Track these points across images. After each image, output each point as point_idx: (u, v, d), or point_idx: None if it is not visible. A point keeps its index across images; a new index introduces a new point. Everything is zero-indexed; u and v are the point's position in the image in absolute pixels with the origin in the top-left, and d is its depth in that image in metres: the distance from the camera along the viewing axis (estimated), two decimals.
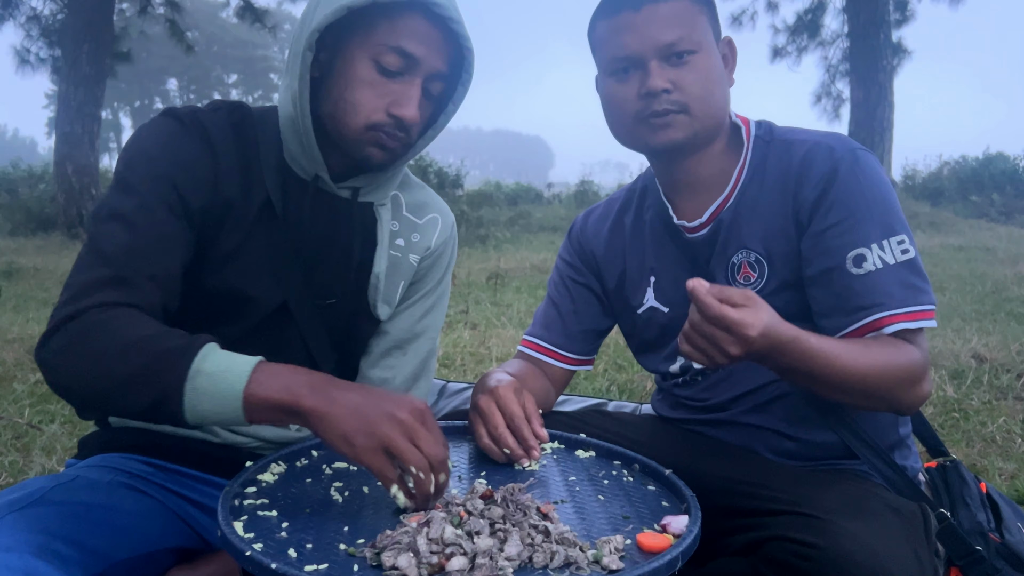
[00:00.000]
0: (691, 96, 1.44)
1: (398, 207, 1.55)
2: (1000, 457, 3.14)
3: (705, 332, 1.16)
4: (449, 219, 1.63)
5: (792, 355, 1.23)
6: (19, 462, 2.94)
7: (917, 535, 1.21)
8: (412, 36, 1.30)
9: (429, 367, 1.62)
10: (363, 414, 1.08)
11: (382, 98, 1.32)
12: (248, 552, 0.95)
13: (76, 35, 12.23)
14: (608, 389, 4.00)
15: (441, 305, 1.64)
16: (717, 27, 1.52)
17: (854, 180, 1.40)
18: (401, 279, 1.54)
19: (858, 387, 1.30)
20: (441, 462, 1.08)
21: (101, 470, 1.38)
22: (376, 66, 1.31)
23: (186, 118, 1.36)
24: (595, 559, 0.98)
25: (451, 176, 17.93)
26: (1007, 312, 6.43)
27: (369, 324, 1.54)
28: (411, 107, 1.32)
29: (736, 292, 1.17)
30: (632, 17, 1.44)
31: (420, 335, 1.59)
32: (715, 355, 1.19)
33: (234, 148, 1.38)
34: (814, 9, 16.43)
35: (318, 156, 1.37)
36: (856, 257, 1.38)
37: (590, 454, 1.41)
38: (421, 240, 1.56)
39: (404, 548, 0.96)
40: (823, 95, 17.18)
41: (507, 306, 6.76)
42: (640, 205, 1.69)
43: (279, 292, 1.41)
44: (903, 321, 1.34)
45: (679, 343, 1.23)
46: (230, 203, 1.36)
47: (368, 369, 1.57)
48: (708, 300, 1.14)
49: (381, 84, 1.32)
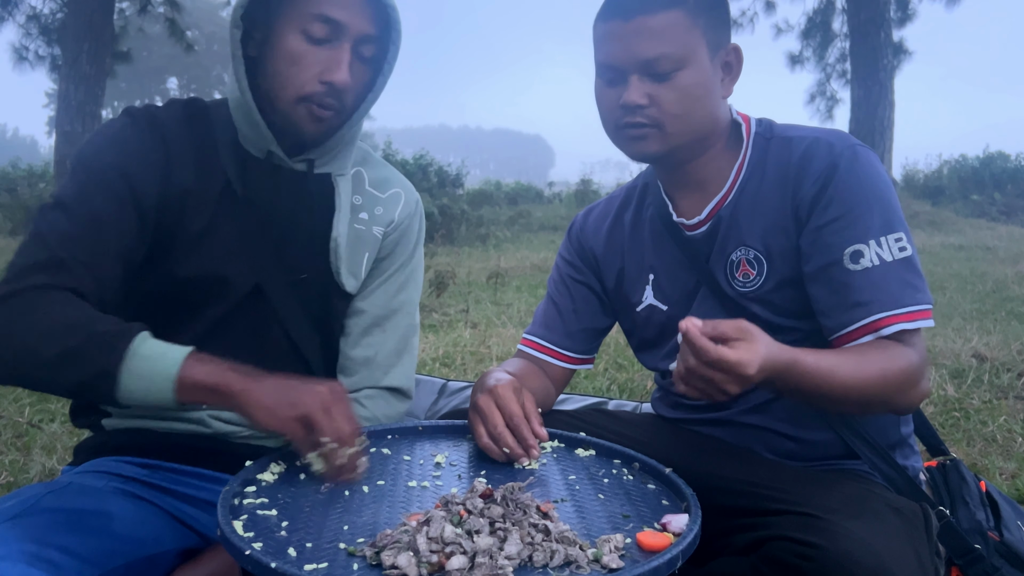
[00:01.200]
0: (666, 114, 1.44)
1: (360, 182, 1.59)
2: (1001, 456, 3.14)
3: (703, 375, 1.15)
4: (413, 195, 1.66)
5: (791, 379, 1.23)
6: (20, 461, 2.94)
7: (918, 535, 1.21)
8: (334, 3, 1.34)
9: (411, 343, 1.64)
10: (284, 390, 1.20)
11: (313, 67, 1.36)
12: (248, 551, 0.95)
13: (76, 34, 12.22)
14: (608, 388, 4.00)
15: (415, 280, 1.66)
16: (718, 36, 1.48)
17: (853, 176, 1.40)
18: (366, 251, 1.57)
19: (857, 399, 1.30)
20: (350, 435, 1.19)
21: (95, 475, 1.38)
22: (304, 36, 1.35)
23: (138, 113, 1.42)
24: (595, 558, 0.98)
25: (451, 175, 17.95)
26: (1008, 311, 6.43)
27: (341, 300, 1.57)
28: (341, 71, 1.35)
29: (729, 327, 1.15)
30: (621, 27, 1.43)
31: (397, 311, 1.61)
32: (715, 394, 1.18)
33: (188, 136, 1.43)
34: (823, 10, 16.39)
35: (266, 132, 1.41)
36: (854, 253, 1.37)
37: (590, 453, 1.41)
38: (384, 213, 1.59)
39: (404, 547, 0.96)
40: (817, 95, 17.16)
41: (507, 305, 6.77)
42: (640, 203, 1.68)
43: (251, 272, 1.45)
44: (902, 322, 1.34)
45: (675, 383, 1.22)
46: (186, 189, 1.40)
47: (349, 349, 1.59)
48: (704, 344, 1.12)
49: (311, 53, 1.35)
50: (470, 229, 13.14)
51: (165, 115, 1.43)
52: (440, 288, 6.82)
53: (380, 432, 1.45)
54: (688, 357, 1.15)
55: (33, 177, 17.63)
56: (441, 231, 12.14)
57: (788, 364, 1.21)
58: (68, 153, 12.24)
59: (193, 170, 1.42)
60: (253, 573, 0.94)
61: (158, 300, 1.42)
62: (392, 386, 1.59)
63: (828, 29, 16.41)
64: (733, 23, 13.96)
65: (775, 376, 1.20)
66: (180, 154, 1.41)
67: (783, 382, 1.23)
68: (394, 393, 1.60)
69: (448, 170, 18.01)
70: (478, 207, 15.92)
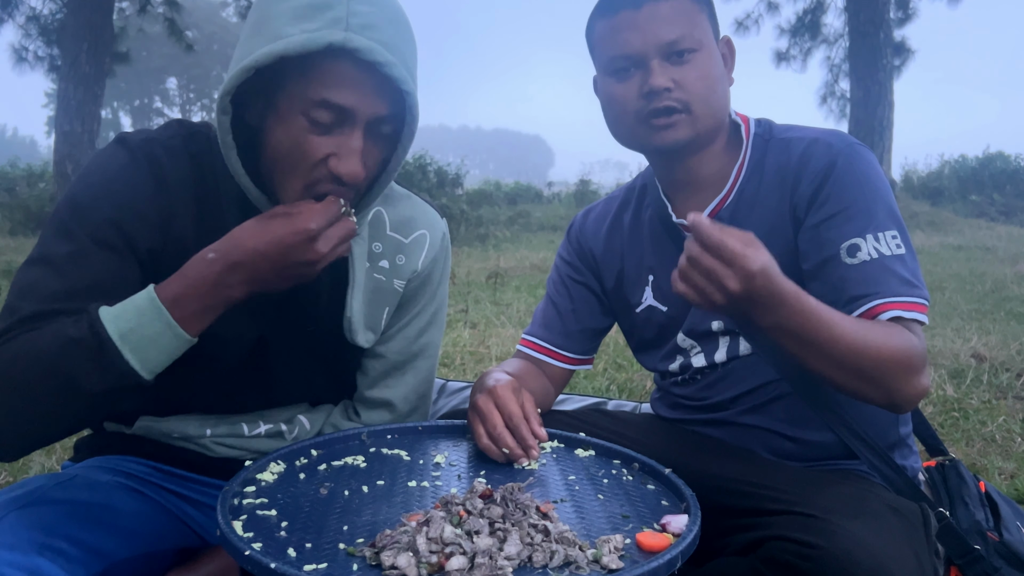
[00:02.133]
0: (693, 95, 1.44)
1: (381, 226, 1.46)
2: (1000, 456, 3.14)
3: (703, 265, 1.13)
4: (438, 231, 1.53)
5: (788, 309, 1.19)
6: (19, 461, 2.94)
7: (917, 535, 1.21)
8: (340, 86, 1.17)
9: (431, 384, 1.58)
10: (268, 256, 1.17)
11: (318, 155, 1.21)
12: (247, 552, 0.95)
13: (76, 34, 12.23)
14: (608, 388, 4.00)
15: (437, 321, 1.56)
16: (716, 26, 1.52)
17: (850, 173, 1.40)
18: (385, 305, 1.47)
19: (852, 360, 1.25)
20: (344, 236, 1.21)
21: (99, 470, 1.37)
22: (307, 121, 1.19)
23: (138, 150, 1.28)
24: (595, 558, 0.98)
25: (451, 175, 17.94)
26: (1007, 311, 6.43)
27: (355, 351, 1.48)
28: (351, 163, 1.21)
29: (737, 231, 1.14)
30: (633, 16, 1.44)
31: (418, 355, 1.53)
32: (712, 292, 1.15)
33: (189, 181, 1.30)
34: (813, 10, 16.40)
35: (269, 206, 1.27)
36: (850, 247, 1.37)
37: (589, 453, 1.41)
38: (407, 263, 1.47)
39: (403, 547, 0.96)
40: (828, 95, 17.16)
41: (506, 305, 6.77)
42: (639, 203, 1.68)
43: (254, 327, 1.36)
44: (898, 310, 1.33)
45: (673, 283, 1.19)
46: (185, 244, 1.27)
47: (366, 389, 1.51)
48: (709, 230, 1.11)
49: (316, 140, 1.20)
50: (469, 229, 13.14)
51: (165, 152, 1.29)
52: None
53: (380, 432, 1.45)
54: (692, 245, 1.14)
55: (32, 177, 17.62)
56: None
57: (791, 292, 1.18)
58: (67, 153, 12.25)
59: (194, 218, 1.29)
60: (253, 573, 0.94)
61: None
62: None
63: (817, 28, 16.42)
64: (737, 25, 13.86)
65: (774, 295, 1.16)
66: (181, 202, 1.28)
67: (779, 310, 1.19)
68: None
69: (447, 170, 18.00)
70: (477, 207, 15.93)
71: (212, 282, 1.16)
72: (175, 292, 1.15)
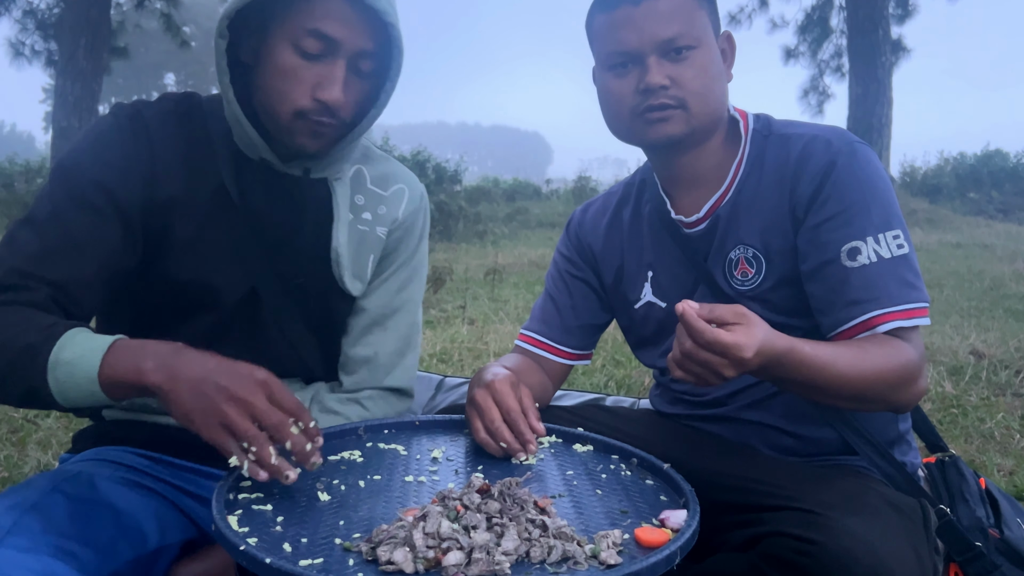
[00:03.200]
0: (689, 92, 1.43)
1: (361, 181, 1.54)
2: (998, 453, 3.14)
3: (699, 359, 1.14)
4: (417, 189, 1.61)
5: (788, 367, 1.22)
6: (14, 456, 2.94)
7: (916, 531, 1.21)
8: (328, 17, 1.28)
9: (413, 341, 1.61)
10: (202, 393, 1.10)
11: (306, 83, 1.30)
12: (242, 547, 0.94)
13: (73, 30, 12.20)
14: (606, 384, 4.00)
15: (418, 278, 1.62)
16: (717, 21, 1.51)
17: (851, 173, 1.39)
18: (370, 253, 1.53)
19: (854, 392, 1.29)
20: (276, 427, 1.10)
21: (99, 464, 1.37)
22: (296, 51, 1.29)
23: (123, 113, 1.36)
24: (593, 554, 0.98)
25: (449, 172, 17.94)
26: (1005, 309, 6.44)
27: (343, 301, 1.53)
28: (334, 90, 1.30)
29: (727, 311, 1.15)
30: (631, 11, 1.43)
31: (399, 309, 1.58)
32: (710, 379, 1.17)
33: (178, 137, 1.38)
34: (821, 6, 16.39)
35: (259, 141, 1.36)
36: (851, 250, 1.37)
37: (588, 448, 1.40)
38: (388, 212, 1.55)
39: (400, 542, 0.95)
40: (810, 90, 17.16)
41: (504, 302, 6.77)
42: (638, 199, 1.68)
43: (246, 278, 1.41)
44: (898, 319, 1.33)
45: (670, 369, 1.21)
46: (173, 196, 1.35)
47: (349, 348, 1.56)
48: (700, 326, 1.12)
49: (304, 68, 1.30)
50: (468, 226, 13.14)
51: (153, 114, 1.37)
52: (438, 284, 6.82)
53: (377, 427, 1.44)
54: (684, 340, 1.15)
55: (30, 172, 17.59)
56: (439, 227, 12.14)
57: (785, 351, 1.20)
58: (65, 148, 12.22)
59: (183, 174, 1.37)
60: (248, 568, 0.94)
61: (152, 306, 1.39)
62: (394, 387, 1.58)
63: (826, 25, 16.41)
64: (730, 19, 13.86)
65: (772, 362, 1.19)
66: (167, 158, 1.36)
67: (779, 369, 1.22)
68: (396, 393, 1.59)
69: (446, 166, 17.99)
70: (476, 204, 15.92)
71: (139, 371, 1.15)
72: (117, 358, 1.15)
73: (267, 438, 1.10)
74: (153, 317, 1.39)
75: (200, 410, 1.09)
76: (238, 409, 1.09)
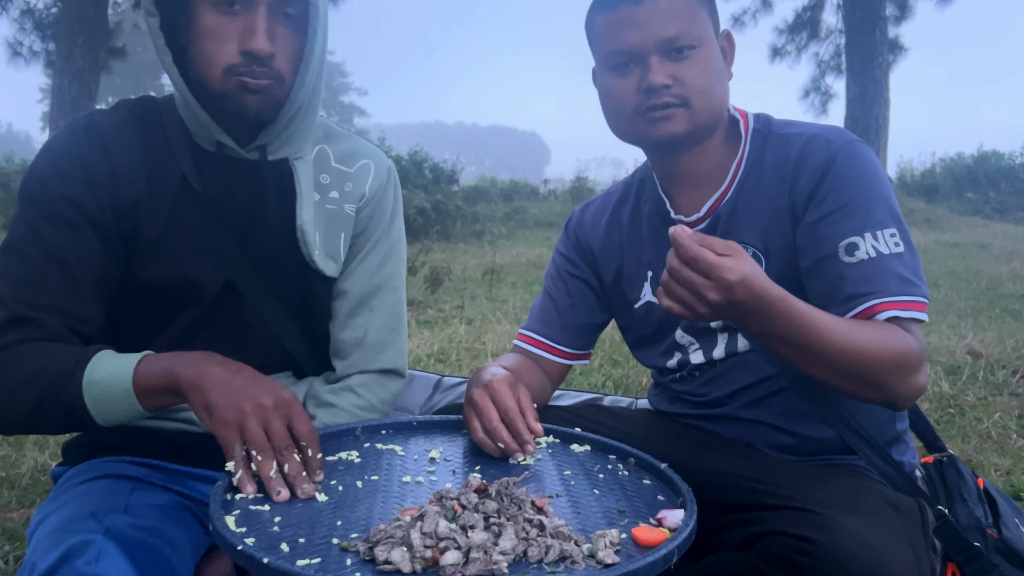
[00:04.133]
0: (691, 90, 1.43)
1: (325, 159, 1.53)
2: (996, 453, 3.15)
3: (683, 277, 1.15)
4: (384, 164, 1.60)
5: (776, 315, 1.20)
6: (11, 456, 2.94)
7: (914, 530, 1.20)
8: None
9: (401, 319, 1.61)
10: (229, 391, 1.15)
11: (231, 38, 1.29)
12: (240, 547, 0.94)
13: (70, 29, 12.19)
14: (604, 384, 4.01)
15: (397, 253, 1.61)
16: (716, 21, 1.51)
17: (849, 170, 1.39)
18: (341, 231, 1.52)
19: (845, 364, 1.26)
20: (284, 449, 1.14)
21: (113, 480, 1.35)
22: (216, 8, 1.28)
23: (77, 125, 1.37)
24: (590, 553, 0.98)
25: (447, 172, 17.91)
26: (1002, 308, 6.45)
27: (321, 285, 1.53)
28: (258, 39, 1.27)
29: (718, 241, 1.16)
30: (632, 11, 1.43)
31: (382, 287, 1.57)
32: (695, 304, 1.16)
33: (134, 140, 1.38)
34: (813, 7, 16.38)
35: (207, 120, 1.35)
36: (848, 246, 1.36)
37: (585, 448, 1.40)
38: (354, 188, 1.54)
39: (398, 542, 0.95)
40: (812, 90, 17.14)
41: (502, 302, 6.77)
42: (638, 199, 1.68)
43: (219, 270, 1.41)
44: (895, 309, 1.33)
45: (657, 297, 1.21)
46: (137, 198, 1.36)
47: (338, 332, 1.55)
48: (687, 242, 1.13)
49: (226, 24, 1.28)
50: (465, 225, 13.13)
51: (108, 121, 1.38)
52: (435, 284, 6.81)
53: (374, 427, 1.44)
54: (672, 259, 1.16)
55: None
56: (436, 227, 12.14)
57: (777, 297, 1.19)
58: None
59: (143, 175, 1.37)
60: (246, 568, 0.94)
61: (131, 308, 1.40)
62: (385, 368, 1.57)
63: (817, 25, 16.40)
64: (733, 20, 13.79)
65: (759, 301, 1.17)
66: (126, 162, 1.36)
67: (766, 315, 1.20)
68: (387, 375, 1.58)
69: (443, 166, 17.97)
70: (473, 203, 15.91)
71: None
72: (149, 366, 1.21)
73: (274, 453, 1.14)
74: (136, 319, 1.40)
75: (222, 406, 1.14)
76: (257, 418, 1.14)
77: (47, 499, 1.35)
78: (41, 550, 1.11)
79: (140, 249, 1.37)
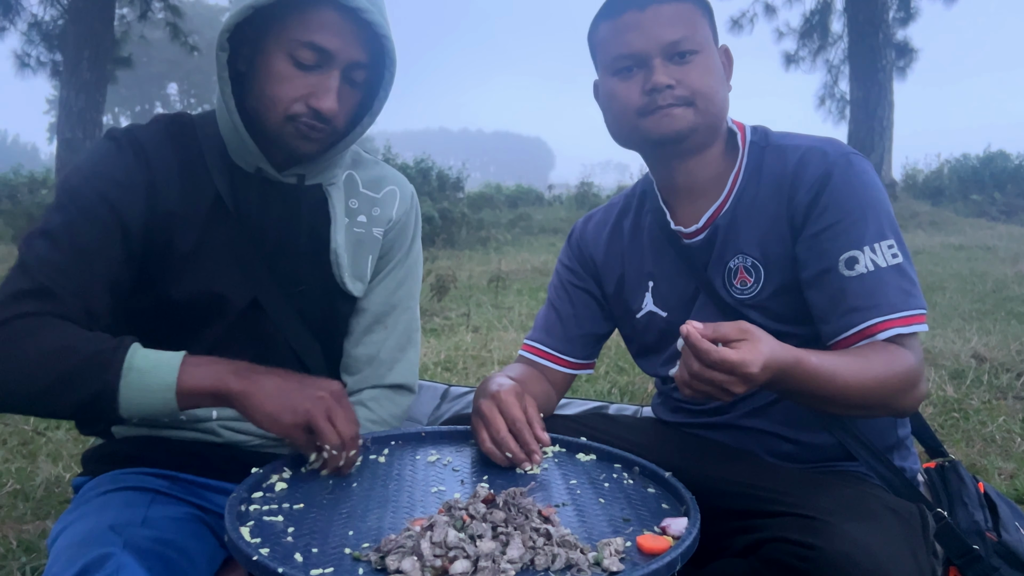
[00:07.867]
0: (695, 91, 1.46)
1: (354, 185, 1.59)
2: (1000, 457, 3.15)
3: (707, 378, 1.15)
4: (408, 190, 1.67)
5: (795, 379, 1.23)
6: (26, 468, 2.96)
7: (915, 536, 1.22)
8: (323, 30, 1.33)
9: (413, 338, 1.66)
10: (286, 394, 1.23)
11: (299, 91, 1.35)
12: (255, 557, 0.97)
13: (77, 41, 12.26)
14: (609, 391, 4.01)
15: (414, 275, 1.68)
16: (716, 35, 1.54)
17: (847, 184, 1.42)
18: (368, 254, 1.59)
19: (859, 400, 1.31)
20: (352, 439, 1.25)
21: (133, 492, 1.37)
22: (291, 61, 1.35)
23: (122, 137, 1.41)
24: (596, 561, 1.00)
25: (452, 178, 17.95)
26: (1007, 311, 6.42)
27: (345, 303, 1.58)
28: (327, 99, 1.35)
29: (731, 328, 1.16)
30: (637, 16, 1.46)
31: (397, 306, 1.63)
32: (720, 396, 1.18)
33: (172, 155, 1.43)
34: (820, 11, 16.36)
35: (254, 148, 1.41)
36: (848, 259, 1.39)
37: (591, 457, 1.42)
38: (382, 213, 1.61)
39: (408, 552, 0.98)
40: (827, 97, 17.11)
41: (508, 309, 6.77)
42: (639, 210, 1.70)
43: (247, 288, 1.46)
44: (897, 327, 1.36)
45: (680, 389, 1.22)
46: (172, 211, 1.40)
47: (352, 348, 1.61)
48: (705, 346, 1.13)
49: (298, 78, 1.35)
50: (471, 232, 13.12)
51: (147, 136, 1.43)
52: (441, 292, 6.82)
53: (383, 439, 1.47)
54: (691, 361, 1.16)
55: (34, 184, 17.61)
56: (442, 235, 12.13)
57: (792, 363, 1.21)
58: (69, 160, 12.27)
59: (179, 190, 1.42)
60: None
61: (157, 321, 1.42)
62: (396, 383, 1.61)
63: (826, 30, 16.37)
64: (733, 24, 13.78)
65: (779, 375, 1.20)
66: (164, 175, 1.41)
67: (787, 382, 1.24)
68: (398, 390, 1.63)
69: (449, 173, 18.00)
70: (478, 210, 15.91)
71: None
72: (196, 367, 1.24)
73: (342, 443, 1.24)
74: (162, 331, 1.41)
75: (287, 410, 1.21)
76: (322, 413, 1.22)
77: (67, 509, 1.37)
78: (61, 563, 1.13)
79: (171, 262, 1.41)
